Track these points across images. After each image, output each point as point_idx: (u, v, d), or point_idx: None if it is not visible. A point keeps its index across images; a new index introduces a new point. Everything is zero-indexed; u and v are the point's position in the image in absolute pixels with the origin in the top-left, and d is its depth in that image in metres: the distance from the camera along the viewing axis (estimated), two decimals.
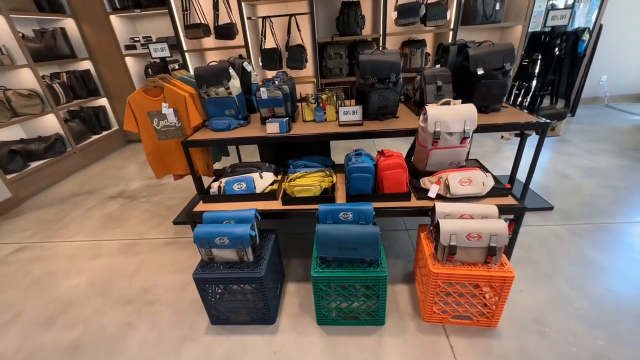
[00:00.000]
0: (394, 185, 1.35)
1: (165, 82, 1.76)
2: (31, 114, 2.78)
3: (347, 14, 3.13)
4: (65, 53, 3.23)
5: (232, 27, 3.20)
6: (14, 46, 2.69)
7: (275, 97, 1.65)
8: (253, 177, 1.50)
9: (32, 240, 2.12)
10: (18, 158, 2.68)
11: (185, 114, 1.78)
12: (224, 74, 1.68)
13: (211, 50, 3.45)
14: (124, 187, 2.82)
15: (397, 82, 1.58)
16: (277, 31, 3.41)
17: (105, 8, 3.21)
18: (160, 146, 1.91)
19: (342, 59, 3.30)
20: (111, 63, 3.51)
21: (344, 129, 1.58)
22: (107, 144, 3.67)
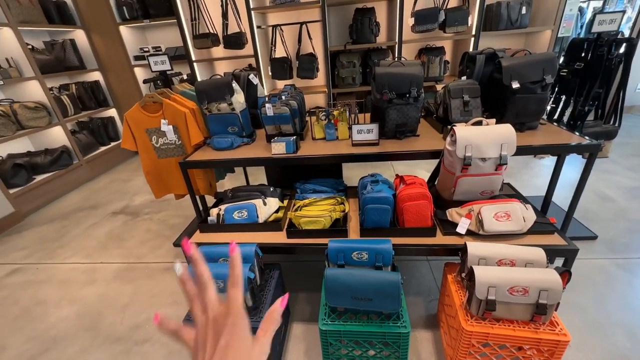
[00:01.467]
0: (416, 218, 1.16)
1: (164, 97, 1.64)
2: (37, 127, 2.74)
3: (360, 21, 2.97)
4: (74, 64, 3.20)
5: (241, 36, 3.09)
6: (22, 59, 2.65)
7: (282, 113, 1.50)
8: (255, 205, 1.34)
9: (28, 261, 2.03)
10: (22, 172, 2.62)
11: (185, 131, 1.65)
12: (226, 89, 1.54)
13: (220, 60, 3.35)
14: (128, 202, 2.72)
15: (418, 97, 1.40)
16: (287, 40, 3.28)
17: (115, 19, 3.17)
18: (160, 165, 1.78)
19: (355, 67, 3.13)
20: (120, 73, 3.46)
21: (358, 150, 1.41)
22: (115, 155, 3.61)
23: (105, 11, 3.14)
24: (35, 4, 2.81)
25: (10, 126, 2.53)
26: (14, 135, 2.55)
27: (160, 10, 3.15)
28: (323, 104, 3.66)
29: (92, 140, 3.37)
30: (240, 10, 3.12)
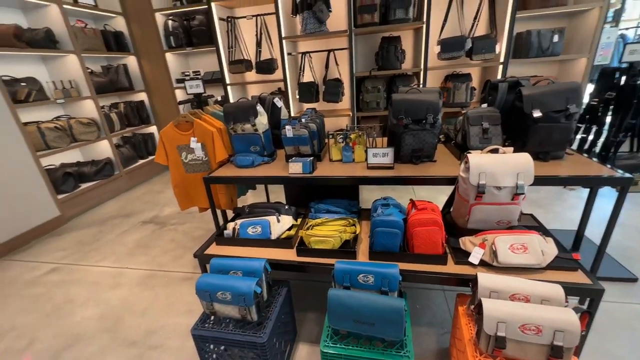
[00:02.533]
0: (426, 244, 1.14)
1: (195, 117, 1.78)
2: (88, 140, 3.05)
3: (386, 48, 3.07)
4: (124, 86, 3.57)
5: (272, 62, 3.30)
6: (81, 80, 3.02)
7: (301, 135, 1.57)
8: (269, 221, 1.39)
9: (65, 262, 2.21)
10: (71, 180, 2.91)
11: (212, 149, 1.77)
12: (251, 111, 1.65)
13: (251, 84, 3.58)
14: (158, 212, 2.90)
15: (434, 123, 1.41)
16: (315, 65, 3.45)
17: (163, 47, 3.53)
18: (187, 179, 1.91)
19: (380, 92, 3.20)
20: (163, 94, 3.80)
21: (373, 173, 1.43)
22: (151, 168, 3.89)
23: (155, 40, 3.51)
24: (98, 34, 3.21)
25: (65, 139, 2.84)
26: (68, 147, 2.86)
27: (202, 39, 3.46)
28: (346, 126, 3.73)
29: (133, 153, 3.67)
30: (273, 39, 3.35)
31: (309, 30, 3.07)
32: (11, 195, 2.39)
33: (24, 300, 1.84)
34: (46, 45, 2.70)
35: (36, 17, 2.82)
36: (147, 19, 3.44)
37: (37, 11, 2.80)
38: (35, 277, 2.05)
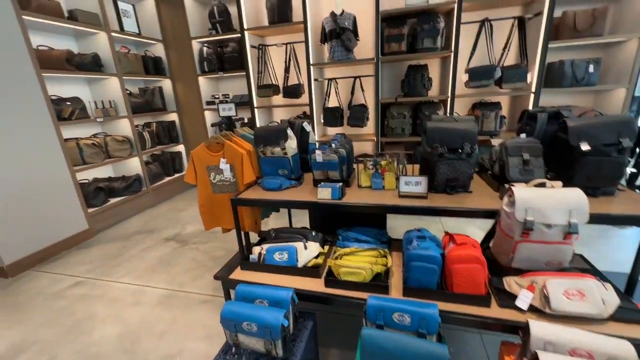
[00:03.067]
0: (467, 283, 1.06)
1: (226, 139, 1.82)
2: (121, 157, 3.18)
3: (413, 76, 3.08)
4: (158, 107, 3.76)
5: (299, 87, 3.39)
6: (120, 101, 3.20)
7: (331, 160, 1.55)
8: (296, 248, 1.34)
9: (90, 276, 2.23)
10: (101, 194, 3.01)
11: (240, 170, 1.78)
12: (281, 134, 1.66)
13: (277, 107, 3.67)
14: (180, 230, 2.92)
15: (471, 153, 1.36)
16: (341, 91, 3.51)
17: (196, 71, 3.72)
18: (213, 199, 1.92)
19: (406, 119, 3.19)
20: (193, 116, 3.96)
21: (405, 202, 1.37)
22: (176, 185, 3.99)
23: (190, 65, 3.71)
24: (139, 59, 3.44)
25: (101, 155, 2.98)
26: (102, 162, 2.99)
27: (234, 65, 3.63)
28: (371, 151, 3.72)
29: (161, 170, 3.79)
30: (301, 65, 3.46)
31: (336, 58, 3.15)
32: (47, 207, 2.49)
33: (48, 313, 1.85)
34: (92, 69, 2.91)
35: (86, 43, 3.06)
36: (184, 45, 3.66)
37: (87, 38, 3.05)
38: (60, 290, 2.08)
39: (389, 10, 2.93)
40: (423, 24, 2.89)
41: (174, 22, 3.62)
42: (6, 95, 2.21)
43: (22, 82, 2.31)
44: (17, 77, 2.28)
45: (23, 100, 2.32)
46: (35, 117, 2.40)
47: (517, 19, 2.83)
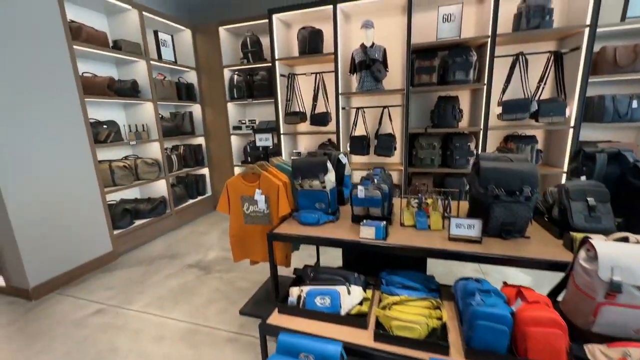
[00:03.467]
0: (544, 350, 0.93)
1: (262, 170, 1.79)
2: (149, 179, 3.21)
3: (443, 107, 3.04)
4: (187, 131, 3.85)
5: (326, 115, 3.41)
6: (153, 125, 3.29)
7: (373, 197, 1.48)
8: (339, 293, 1.25)
9: (112, 302, 2.17)
10: (128, 216, 3.02)
11: (275, 202, 1.73)
12: (321, 167, 1.62)
13: (303, 134, 3.68)
14: (203, 255, 2.87)
15: (531, 196, 1.26)
16: (368, 119, 3.50)
17: (226, 97, 3.82)
18: (245, 230, 1.86)
19: (435, 150, 3.12)
20: (220, 140, 4.02)
21: (456, 246, 1.27)
22: (199, 208, 3.98)
23: (220, 92, 3.82)
24: (173, 86, 3.57)
25: (130, 177, 3.02)
26: (131, 185, 3.03)
27: (262, 92, 3.71)
28: (397, 180, 3.64)
29: (185, 193, 3.81)
30: (329, 94, 3.50)
31: (365, 88, 3.17)
32: (75, 228, 2.50)
33: (70, 343, 1.78)
34: (130, 94, 3.02)
35: (127, 70, 3.21)
36: (216, 73, 3.79)
37: (128, 66, 3.19)
38: (83, 317, 2.02)
39: (420, 44, 2.95)
40: (455, 57, 2.89)
41: (208, 51, 3.77)
42: (51, 118, 2.30)
43: (66, 107, 2.40)
44: (62, 102, 2.37)
45: (65, 123, 2.40)
46: (74, 140, 2.46)
47: (553, 54, 2.79)
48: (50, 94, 2.28)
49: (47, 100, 2.27)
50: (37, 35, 2.20)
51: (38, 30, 2.20)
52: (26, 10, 2.13)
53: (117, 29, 3.13)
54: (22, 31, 2.12)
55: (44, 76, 2.24)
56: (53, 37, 2.30)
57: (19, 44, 2.10)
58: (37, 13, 2.20)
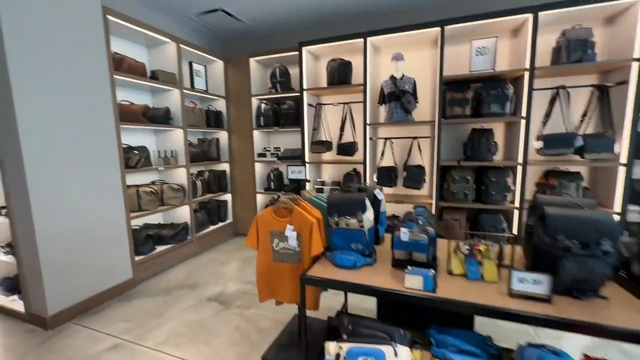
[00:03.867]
0: None
1: (295, 204, 1.70)
2: (173, 205, 3.20)
3: (477, 139, 2.92)
4: (213, 157, 3.88)
5: (353, 145, 3.35)
6: (181, 151, 3.33)
7: (419, 241, 1.35)
8: (385, 354, 1.09)
9: (128, 337, 2.06)
10: (150, 242, 2.98)
11: (307, 240, 1.62)
12: (359, 205, 1.51)
13: (328, 164, 3.62)
14: (223, 287, 2.75)
15: (610, 251, 1.09)
16: (396, 150, 3.41)
17: (252, 125, 3.86)
18: (273, 268, 1.75)
19: (469, 184, 2.96)
20: (244, 166, 4.02)
21: (522, 305, 1.10)
22: (219, 234, 3.92)
23: (247, 119, 3.88)
24: (202, 113, 3.65)
25: (156, 202, 3.01)
26: (155, 210, 3.01)
27: (288, 121, 3.72)
28: None
29: (206, 219, 3.77)
30: (356, 124, 3.46)
31: (394, 119, 3.11)
32: (99, 254, 2.46)
33: None
34: (162, 121, 3.09)
35: (161, 98, 3.32)
36: (244, 101, 3.87)
37: (162, 94, 3.30)
38: (97, 353, 1.91)
39: (453, 76, 2.90)
40: (489, 89, 2.81)
41: (238, 81, 3.88)
42: (87, 145, 2.34)
43: (102, 133, 2.45)
44: (99, 128, 2.43)
45: (100, 150, 2.44)
46: (106, 166, 2.50)
47: (597, 87, 2.66)
48: (88, 120, 2.35)
49: (84, 127, 2.33)
50: (83, 65, 2.30)
51: (85, 61, 2.31)
52: (76, 42, 2.25)
53: (155, 60, 3.28)
54: (70, 60, 2.22)
55: (84, 103, 2.32)
56: (97, 68, 2.40)
57: (65, 72, 2.20)
58: (86, 45, 2.31)
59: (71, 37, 2.22)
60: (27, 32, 1.98)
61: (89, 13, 2.32)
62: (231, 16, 3.59)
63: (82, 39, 2.29)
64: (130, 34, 2.90)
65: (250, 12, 3.49)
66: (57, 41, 2.14)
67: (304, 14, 3.59)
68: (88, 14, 2.32)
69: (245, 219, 4.14)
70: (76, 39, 2.25)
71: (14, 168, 2.03)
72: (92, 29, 2.36)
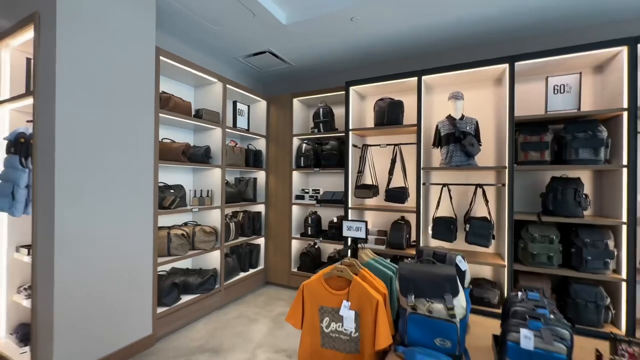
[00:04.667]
0: None
1: (353, 272, 1.32)
2: (204, 250, 2.93)
3: (561, 191, 2.41)
4: (249, 197, 3.67)
5: (405, 191, 2.96)
6: (217, 191, 3.14)
7: (553, 353, 0.89)
8: None
9: None
10: (175, 291, 2.68)
11: (370, 323, 1.21)
12: (448, 285, 1.10)
13: (372, 210, 3.22)
14: (250, 355, 2.31)
15: None
16: (455, 198, 2.95)
17: (292, 165, 3.65)
18: (320, 355, 1.32)
19: (554, 244, 2.39)
20: (280, 208, 3.75)
21: None
22: (249, 283, 3.55)
23: (287, 160, 3.68)
24: (242, 152, 3.52)
25: (186, 247, 2.76)
26: (185, 255, 2.75)
27: (330, 162, 3.46)
28: (490, 276, 2.87)
29: (237, 265, 3.45)
30: (407, 167, 3.10)
31: (455, 163, 2.72)
32: (118, 307, 2.18)
33: None
34: (202, 160, 2.95)
35: (202, 136, 3.24)
36: (285, 141, 3.71)
37: (204, 132, 3.23)
38: None
39: (527, 117, 2.50)
40: (576, 132, 2.36)
41: (280, 120, 3.76)
42: (121, 182, 2.20)
43: (139, 172, 2.32)
44: (136, 167, 2.30)
45: (134, 188, 2.29)
46: (139, 206, 2.32)
47: None
48: (126, 157, 2.23)
49: (121, 164, 2.20)
50: (129, 103, 2.24)
51: (132, 99, 2.25)
52: (128, 78, 2.21)
53: (201, 99, 3.26)
54: (118, 99, 2.16)
55: (124, 140, 2.21)
56: (144, 106, 2.34)
57: (110, 109, 2.13)
58: (136, 84, 2.27)
59: (123, 75, 2.19)
60: (79, 67, 1.95)
61: (143, 52, 2.32)
62: (278, 58, 3.58)
63: (133, 77, 2.25)
64: (180, 73, 2.91)
65: (296, 52, 3.45)
66: (107, 79, 2.10)
67: (352, 54, 3.48)
68: (142, 53, 2.31)
69: (277, 266, 3.77)
70: (127, 77, 2.22)
71: (45, 201, 1.89)
72: (144, 68, 2.34)
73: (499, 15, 2.63)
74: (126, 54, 2.20)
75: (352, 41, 3.15)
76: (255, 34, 3.02)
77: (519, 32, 2.91)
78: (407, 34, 2.99)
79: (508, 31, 2.89)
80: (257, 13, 2.63)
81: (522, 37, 2.99)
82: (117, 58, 2.15)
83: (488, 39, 3.04)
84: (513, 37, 2.99)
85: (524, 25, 2.79)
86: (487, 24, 2.78)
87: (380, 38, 3.08)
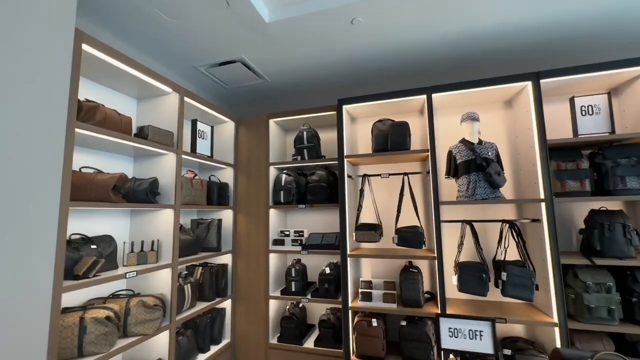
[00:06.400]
0: None
1: None
2: (144, 335, 1.93)
3: (608, 226, 2.03)
4: (211, 246, 2.76)
5: (417, 232, 2.36)
6: (168, 240, 2.22)
7: None
8: None
9: None
10: None
11: None
12: None
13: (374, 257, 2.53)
14: None
15: None
16: (483, 239, 2.43)
17: (269, 202, 2.87)
18: None
19: (611, 293, 1.95)
20: (253, 258, 2.89)
21: None
22: None
23: (262, 194, 2.92)
24: (204, 186, 2.67)
25: (113, 337, 1.75)
26: (110, 351, 1.73)
27: (319, 196, 2.77)
28: (523, 333, 2.32)
29: (193, 344, 2.44)
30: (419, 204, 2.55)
31: (479, 196, 2.23)
32: None
33: None
34: (145, 199, 2.05)
35: (146, 165, 2.34)
36: (259, 171, 2.95)
37: (150, 160, 2.34)
38: None
39: (559, 141, 2.15)
40: (617, 158, 2.05)
41: (252, 146, 3.02)
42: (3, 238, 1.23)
43: (30, 220, 1.35)
44: (26, 212, 1.34)
45: (19, 249, 1.31)
46: (23, 279, 1.33)
47: None
48: (8, 196, 1.28)
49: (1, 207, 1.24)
50: (24, 107, 1.33)
51: (29, 101, 1.36)
52: (20, 69, 1.33)
53: (147, 115, 2.40)
54: (2, 97, 1.26)
55: (10, 168, 1.28)
56: (48, 113, 1.44)
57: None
58: (37, 78, 1.39)
59: (9, 62, 1.30)
60: None
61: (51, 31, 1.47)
62: (250, 70, 2.92)
63: (29, 68, 1.37)
64: (116, 77, 2.06)
65: (274, 65, 2.84)
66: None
67: (343, 69, 2.98)
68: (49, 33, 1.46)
69: (250, 337, 2.81)
70: (19, 67, 1.34)
71: None
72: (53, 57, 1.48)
73: (531, 25, 2.34)
74: (20, 29, 1.34)
75: (346, 51, 2.65)
76: (227, 34, 2.34)
77: (545, 47, 2.64)
78: (414, 46, 2.58)
79: (532, 46, 2.61)
80: (233, 2, 1.98)
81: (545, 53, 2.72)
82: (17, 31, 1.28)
83: (507, 54, 2.75)
84: (537, 51, 2.70)
85: (548, 40, 2.52)
86: (514, 37, 2.46)
87: (381, 50, 2.62)
